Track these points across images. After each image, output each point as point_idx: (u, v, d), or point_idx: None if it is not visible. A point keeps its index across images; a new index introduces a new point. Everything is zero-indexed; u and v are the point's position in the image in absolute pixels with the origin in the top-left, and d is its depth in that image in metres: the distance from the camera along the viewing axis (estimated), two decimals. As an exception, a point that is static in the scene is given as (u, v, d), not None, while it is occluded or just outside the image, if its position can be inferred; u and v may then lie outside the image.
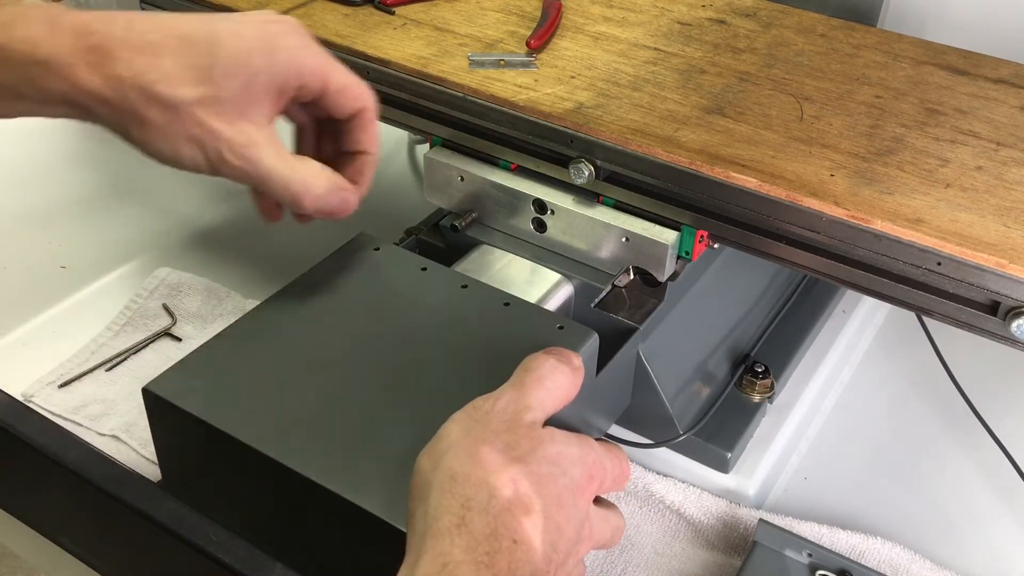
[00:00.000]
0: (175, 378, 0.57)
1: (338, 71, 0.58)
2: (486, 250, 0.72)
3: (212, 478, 0.59)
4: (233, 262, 0.94)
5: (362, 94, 0.60)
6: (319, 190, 0.58)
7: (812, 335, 0.85)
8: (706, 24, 0.80)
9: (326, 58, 0.58)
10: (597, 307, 0.68)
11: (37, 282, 0.90)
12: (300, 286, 0.64)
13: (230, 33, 0.54)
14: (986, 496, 0.75)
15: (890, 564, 0.68)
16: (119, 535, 0.60)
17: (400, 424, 0.55)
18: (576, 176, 0.67)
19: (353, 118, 0.60)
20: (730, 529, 0.71)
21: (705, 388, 0.76)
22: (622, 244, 0.67)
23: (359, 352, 0.59)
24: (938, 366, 0.81)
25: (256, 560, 0.52)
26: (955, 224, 0.57)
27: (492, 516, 0.44)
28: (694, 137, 0.65)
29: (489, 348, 0.59)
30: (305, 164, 0.58)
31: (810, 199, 0.59)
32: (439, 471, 0.46)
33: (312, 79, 0.57)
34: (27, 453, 0.59)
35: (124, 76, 0.52)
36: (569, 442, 0.49)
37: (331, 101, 0.59)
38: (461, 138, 0.72)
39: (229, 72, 0.54)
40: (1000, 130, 0.66)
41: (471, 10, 0.81)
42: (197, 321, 0.86)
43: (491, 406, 0.48)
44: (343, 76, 0.59)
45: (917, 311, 0.59)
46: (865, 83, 0.72)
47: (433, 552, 0.43)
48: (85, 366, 0.80)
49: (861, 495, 0.75)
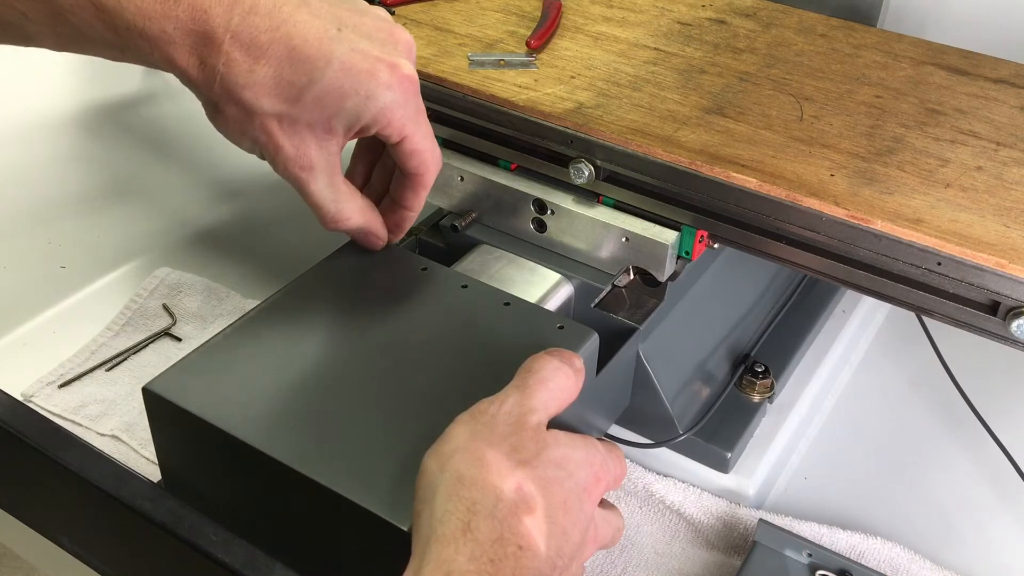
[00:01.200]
0: (175, 378, 0.57)
1: (419, 134, 0.59)
2: (486, 250, 0.72)
3: (212, 478, 0.59)
4: (233, 262, 0.94)
5: (429, 162, 0.61)
6: (352, 224, 0.61)
7: (812, 335, 0.85)
8: (706, 24, 0.80)
9: (414, 117, 0.58)
10: (597, 307, 0.68)
11: (37, 282, 0.90)
12: (300, 286, 0.64)
13: (340, 65, 0.54)
14: (986, 496, 0.75)
15: (890, 564, 0.68)
16: (119, 535, 0.60)
17: (400, 423, 0.55)
18: (576, 176, 0.67)
19: (412, 176, 0.62)
20: (730, 529, 0.71)
21: (705, 388, 0.76)
22: (622, 244, 0.67)
23: (359, 352, 0.59)
24: (938, 366, 0.81)
25: (256, 560, 0.52)
26: (955, 224, 0.57)
27: (498, 521, 0.44)
28: (694, 137, 0.65)
29: (489, 348, 0.59)
30: (350, 199, 0.60)
31: (810, 199, 0.59)
32: (446, 473, 0.46)
33: (391, 133, 0.58)
34: (27, 453, 0.59)
35: (219, 70, 0.52)
36: (574, 445, 0.49)
37: (400, 155, 0.60)
38: (461, 138, 0.72)
39: (320, 101, 0.54)
40: (1000, 130, 0.66)
41: (471, 10, 0.81)
42: (197, 321, 0.86)
43: (496, 409, 0.49)
44: (420, 140, 0.59)
45: (917, 311, 0.59)
46: (865, 83, 0.72)
47: (438, 559, 0.43)
48: (85, 366, 0.80)
49: (861, 495, 0.75)
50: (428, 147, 0.60)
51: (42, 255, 0.91)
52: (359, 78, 0.54)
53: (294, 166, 0.57)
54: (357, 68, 0.54)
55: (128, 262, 0.93)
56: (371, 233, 0.63)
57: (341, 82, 0.54)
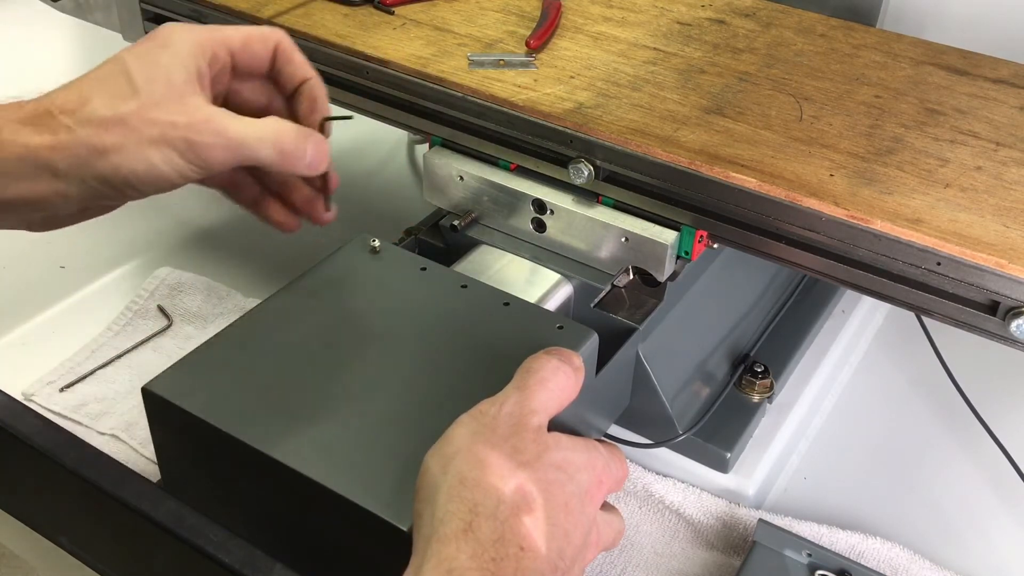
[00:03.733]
0: (175, 377, 0.57)
1: (230, 29, 0.60)
2: (486, 250, 0.72)
3: (212, 478, 0.59)
4: (233, 262, 0.94)
5: (266, 32, 0.61)
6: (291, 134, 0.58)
7: (812, 335, 0.85)
8: (706, 24, 0.80)
9: (214, 27, 0.60)
10: (597, 307, 0.68)
11: (37, 282, 0.90)
12: (300, 286, 0.64)
13: (128, 53, 0.57)
14: (986, 496, 0.75)
15: (889, 564, 0.68)
16: (119, 535, 0.60)
17: (400, 423, 0.55)
18: (575, 176, 0.67)
19: (275, 62, 0.61)
20: (730, 529, 0.71)
21: (705, 388, 0.76)
22: (621, 244, 0.67)
23: (359, 352, 0.59)
24: (938, 366, 0.81)
25: (256, 560, 0.52)
26: (954, 224, 0.57)
27: (500, 522, 0.44)
28: (694, 137, 0.65)
29: (489, 348, 0.59)
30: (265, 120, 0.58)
31: (810, 199, 0.59)
32: (448, 474, 0.46)
33: (213, 45, 0.58)
34: (27, 453, 0.59)
35: (67, 123, 0.54)
36: (575, 448, 0.49)
37: (245, 57, 0.60)
38: (461, 138, 0.72)
39: (147, 77, 0.55)
40: (999, 130, 0.66)
41: (471, 10, 0.81)
42: (197, 321, 0.86)
43: (497, 410, 0.49)
44: (239, 31, 0.60)
45: (917, 311, 0.59)
46: (864, 83, 0.72)
47: (439, 557, 0.43)
48: (85, 366, 0.80)
49: (861, 495, 0.75)
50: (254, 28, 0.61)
51: (42, 255, 0.92)
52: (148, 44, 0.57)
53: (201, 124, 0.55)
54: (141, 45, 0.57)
55: (128, 262, 0.93)
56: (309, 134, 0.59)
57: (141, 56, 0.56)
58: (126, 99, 0.55)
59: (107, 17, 0.91)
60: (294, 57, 0.61)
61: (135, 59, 0.56)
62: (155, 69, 0.56)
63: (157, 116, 0.54)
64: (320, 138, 0.59)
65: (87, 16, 0.93)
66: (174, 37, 0.57)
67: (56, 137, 0.54)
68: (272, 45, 0.61)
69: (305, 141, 0.58)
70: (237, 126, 0.56)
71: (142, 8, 0.86)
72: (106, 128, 0.54)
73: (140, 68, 0.55)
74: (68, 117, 0.54)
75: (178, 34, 0.58)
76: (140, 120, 0.54)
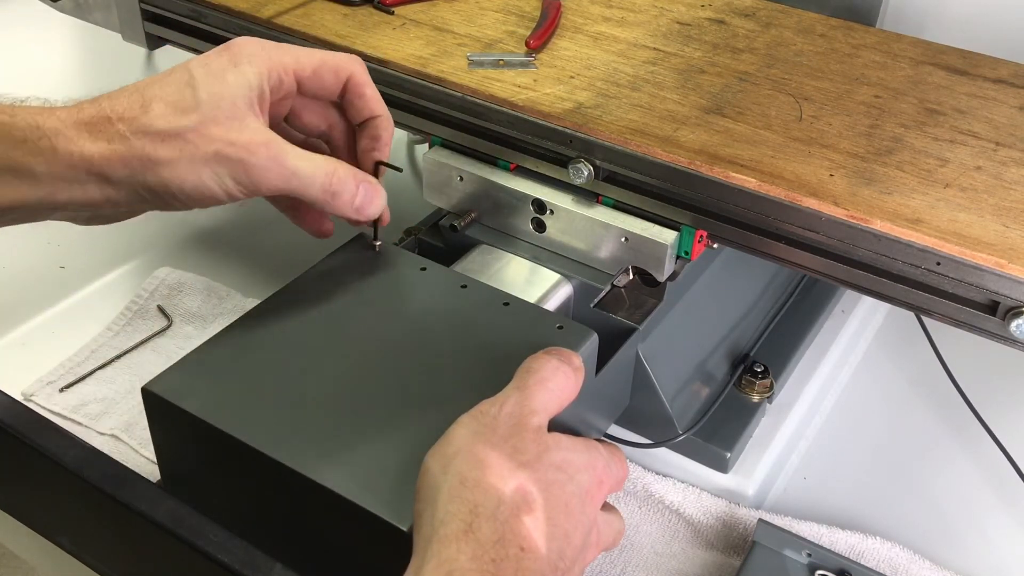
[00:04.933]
0: (174, 377, 0.57)
1: (304, 55, 0.59)
2: (485, 250, 0.72)
3: (211, 478, 0.59)
4: (233, 262, 0.94)
5: (341, 62, 0.60)
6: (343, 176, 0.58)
7: (811, 335, 0.85)
8: (705, 24, 0.80)
9: (289, 49, 0.59)
10: (596, 307, 0.68)
11: (37, 282, 0.90)
12: (300, 286, 0.64)
13: (197, 64, 0.57)
14: (985, 496, 0.75)
15: (889, 564, 0.68)
16: (118, 535, 0.60)
17: (400, 423, 0.55)
18: (575, 176, 0.67)
19: (346, 92, 0.61)
20: (729, 529, 0.71)
21: (704, 388, 0.76)
22: (621, 244, 0.67)
23: (358, 352, 0.60)
24: (937, 366, 0.81)
25: (256, 560, 0.52)
26: (954, 224, 0.57)
27: (500, 523, 0.44)
28: (693, 137, 0.65)
29: (489, 348, 0.59)
30: (322, 157, 0.59)
31: (809, 199, 0.59)
32: (448, 475, 0.46)
33: (282, 70, 0.58)
34: (27, 453, 0.59)
35: (124, 132, 0.54)
36: (576, 449, 0.49)
37: (313, 84, 0.60)
38: (460, 138, 0.72)
39: (212, 93, 0.55)
40: (999, 130, 0.66)
41: (470, 10, 0.81)
42: (197, 321, 0.86)
43: (497, 410, 0.49)
44: (312, 57, 0.60)
45: (916, 311, 0.59)
46: (864, 83, 0.72)
47: (439, 558, 0.43)
48: (85, 366, 0.80)
49: (860, 495, 0.75)
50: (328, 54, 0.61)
51: (42, 255, 0.91)
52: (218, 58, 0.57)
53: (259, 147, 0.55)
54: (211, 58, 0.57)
55: (128, 262, 0.93)
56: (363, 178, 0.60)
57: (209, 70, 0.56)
58: (187, 112, 0.55)
59: (107, 17, 0.91)
60: (365, 92, 0.61)
61: (203, 71, 0.56)
62: (221, 86, 0.55)
63: (216, 133, 0.55)
64: (371, 185, 0.60)
65: (87, 16, 0.93)
66: (244, 54, 0.57)
67: (111, 146, 0.54)
68: (344, 76, 0.61)
69: (356, 186, 0.59)
70: (294, 156, 0.57)
71: (141, 8, 0.86)
72: (162, 140, 0.54)
73: (206, 82, 0.55)
74: (125, 125, 0.54)
75: (249, 52, 0.57)
76: (198, 135, 0.54)
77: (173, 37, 0.86)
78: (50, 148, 0.53)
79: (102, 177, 0.54)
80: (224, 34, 0.81)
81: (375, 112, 0.62)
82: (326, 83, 0.60)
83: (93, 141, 0.54)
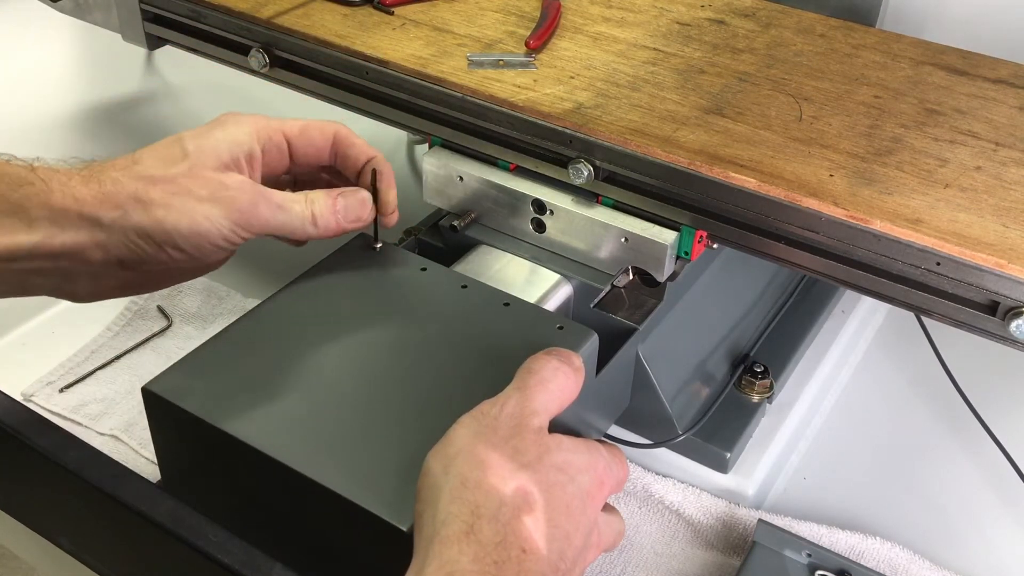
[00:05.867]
0: (174, 377, 0.57)
1: (289, 119, 0.63)
2: (485, 250, 0.72)
3: (211, 478, 0.59)
4: (233, 262, 0.93)
5: (325, 123, 0.63)
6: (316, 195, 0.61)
7: (811, 335, 0.85)
8: (705, 24, 0.80)
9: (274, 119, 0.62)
10: (596, 307, 0.68)
11: (37, 282, 0.90)
12: (300, 286, 0.64)
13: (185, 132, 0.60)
14: (985, 496, 0.76)
15: (889, 564, 0.68)
16: (118, 535, 0.60)
17: (400, 423, 0.55)
18: (575, 176, 0.67)
19: (335, 146, 0.64)
20: (729, 529, 0.71)
21: (704, 388, 0.76)
22: (621, 244, 0.67)
23: (358, 352, 0.60)
24: (937, 366, 0.81)
25: (256, 560, 0.52)
26: (954, 224, 0.57)
27: (501, 524, 0.44)
28: (693, 137, 0.65)
29: (489, 348, 0.59)
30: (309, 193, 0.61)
31: (809, 199, 0.59)
32: (449, 475, 0.46)
33: (269, 130, 0.61)
34: (27, 453, 0.59)
35: (116, 177, 0.56)
36: (576, 450, 0.49)
37: (302, 143, 0.63)
38: (460, 138, 0.72)
39: (199, 146, 0.58)
40: (999, 130, 0.66)
41: (470, 10, 0.81)
42: (197, 321, 0.86)
43: (498, 411, 0.49)
44: (297, 120, 0.63)
45: (916, 311, 0.59)
46: (864, 83, 0.72)
47: (441, 559, 0.43)
48: (85, 366, 0.81)
49: (860, 495, 0.75)
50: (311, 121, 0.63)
51: (42, 255, 0.91)
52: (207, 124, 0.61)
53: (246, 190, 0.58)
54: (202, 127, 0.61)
55: (128, 262, 0.93)
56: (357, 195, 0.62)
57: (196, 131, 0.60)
58: (176, 162, 0.58)
59: (106, 17, 0.91)
60: (355, 141, 0.64)
61: (190, 134, 0.60)
62: (206, 141, 0.59)
63: (206, 176, 0.57)
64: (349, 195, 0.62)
65: (86, 16, 0.93)
66: (231, 120, 0.61)
67: (103, 188, 0.56)
68: (331, 133, 0.63)
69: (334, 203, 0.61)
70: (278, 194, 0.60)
71: (141, 8, 0.86)
72: (154, 183, 0.56)
73: (193, 140, 0.59)
74: (119, 172, 0.56)
75: (236, 118, 0.61)
76: (189, 179, 0.57)
77: (173, 37, 0.86)
78: (45, 191, 0.55)
79: (93, 221, 0.55)
80: (224, 34, 0.81)
81: (368, 154, 0.64)
82: (315, 141, 0.63)
83: (86, 184, 0.56)
